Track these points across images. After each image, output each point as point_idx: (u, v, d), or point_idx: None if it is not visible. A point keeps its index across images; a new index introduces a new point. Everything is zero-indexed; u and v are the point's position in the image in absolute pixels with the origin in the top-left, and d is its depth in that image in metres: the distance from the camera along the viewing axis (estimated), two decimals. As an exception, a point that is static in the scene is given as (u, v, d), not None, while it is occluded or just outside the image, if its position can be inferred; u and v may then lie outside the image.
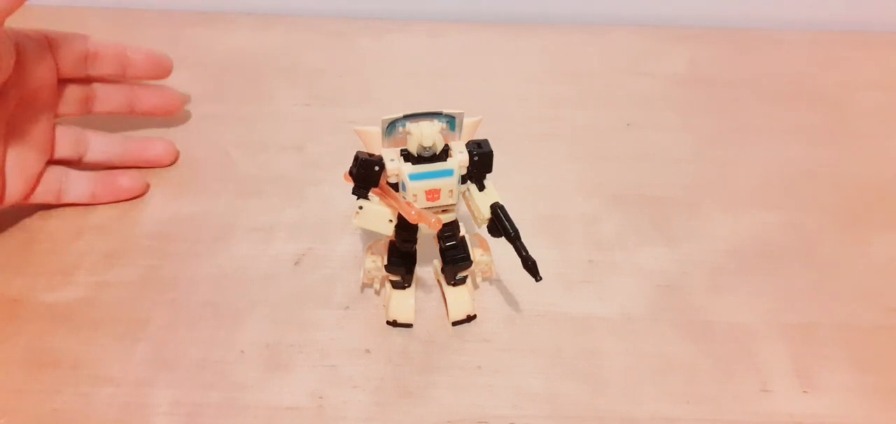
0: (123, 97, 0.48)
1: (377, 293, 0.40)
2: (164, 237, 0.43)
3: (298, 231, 0.43)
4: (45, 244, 0.42)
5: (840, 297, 0.40)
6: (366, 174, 0.33)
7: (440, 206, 0.34)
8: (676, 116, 0.54)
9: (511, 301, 0.39)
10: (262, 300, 0.39)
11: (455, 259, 0.36)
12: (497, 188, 0.35)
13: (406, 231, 0.35)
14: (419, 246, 0.36)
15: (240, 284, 0.40)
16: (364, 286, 0.40)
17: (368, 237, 0.41)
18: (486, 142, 0.34)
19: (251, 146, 0.50)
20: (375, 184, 0.33)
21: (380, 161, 0.33)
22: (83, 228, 0.43)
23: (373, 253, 0.38)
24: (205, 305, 0.39)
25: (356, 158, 0.33)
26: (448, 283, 0.38)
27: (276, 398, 0.34)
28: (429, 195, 0.34)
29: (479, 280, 0.40)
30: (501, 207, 0.35)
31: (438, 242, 0.36)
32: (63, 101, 0.45)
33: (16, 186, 0.41)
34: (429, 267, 0.40)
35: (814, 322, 0.39)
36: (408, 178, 0.33)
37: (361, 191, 0.34)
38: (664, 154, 0.50)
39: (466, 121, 0.34)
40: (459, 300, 0.38)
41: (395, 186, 0.34)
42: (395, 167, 0.33)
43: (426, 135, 0.32)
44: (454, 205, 0.35)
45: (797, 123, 0.54)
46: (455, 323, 0.38)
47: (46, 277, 0.40)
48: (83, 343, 0.37)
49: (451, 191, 0.34)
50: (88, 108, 0.46)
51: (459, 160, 0.34)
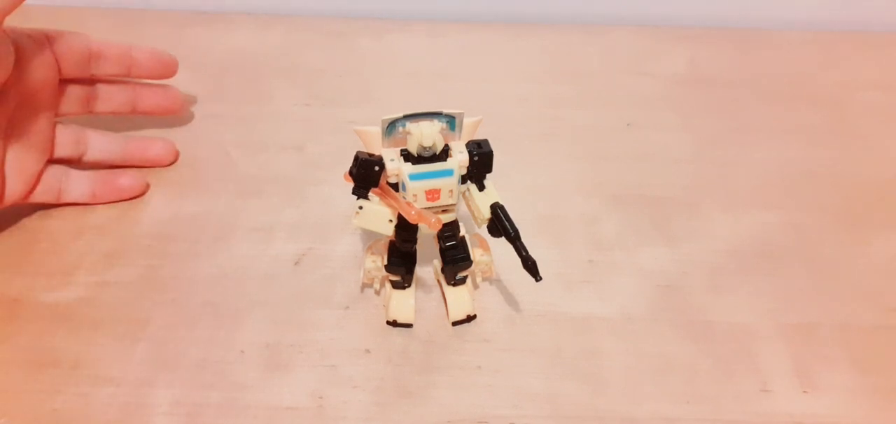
0: (125, 96, 0.47)
1: (377, 293, 0.39)
2: (164, 237, 0.43)
3: (298, 231, 0.43)
4: (45, 244, 0.42)
5: (840, 297, 0.40)
6: (366, 174, 0.33)
7: (440, 206, 0.34)
8: (676, 116, 0.54)
9: (511, 301, 0.39)
10: (262, 300, 0.39)
11: (455, 259, 0.36)
12: (497, 188, 0.35)
13: (406, 231, 0.35)
14: (419, 246, 0.36)
15: (240, 284, 0.40)
16: (364, 286, 0.40)
17: (368, 237, 0.41)
18: (486, 142, 0.34)
19: (251, 146, 0.50)
20: (375, 184, 0.33)
21: (380, 161, 0.33)
22: (83, 228, 0.43)
23: (373, 253, 0.38)
24: (205, 305, 0.39)
25: (356, 158, 0.33)
26: (448, 283, 0.38)
27: (276, 398, 0.34)
28: (429, 195, 0.34)
29: (479, 280, 0.40)
30: (501, 207, 0.35)
31: (438, 242, 0.36)
32: (64, 101, 0.44)
33: (15, 186, 0.41)
34: (429, 267, 0.40)
35: (814, 322, 0.39)
36: (408, 178, 0.33)
37: (361, 191, 0.34)
38: (664, 154, 0.50)
39: (466, 121, 0.34)
40: (459, 300, 0.38)
41: (395, 186, 0.34)
42: (395, 167, 0.33)
43: (426, 135, 0.32)
44: (454, 205, 0.35)
45: (797, 123, 0.54)
46: (455, 323, 0.38)
47: (46, 277, 0.40)
48: (83, 343, 0.37)
49: (451, 191, 0.34)
50: (90, 108, 0.46)
51: (459, 160, 0.34)
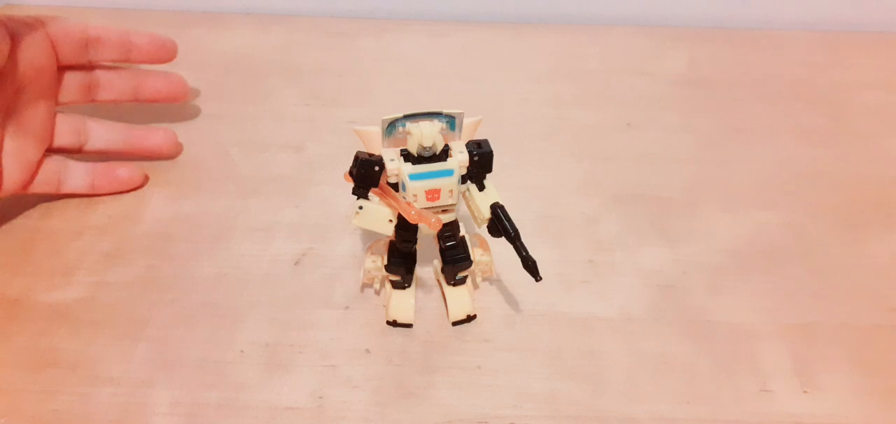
0: (127, 84, 0.47)
1: (377, 293, 0.39)
2: (164, 237, 0.43)
3: (298, 231, 0.43)
4: (45, 244, 0.42)
5: (840, 297, 0.40)
6: (366, 174, 0.33)
7: (440, 206, 0.34)
8: (676, 116, 0.54)
9: (511, 301, 0.39)
10: (262, 300, 0.39)
11: (455, 259, 0.36)
12: (497, 188, 0.35)
13: (406, 231, 0.35)
14: (419, 246, 0.36)
15: (240, 284, 0.40)
16: (364, 286, 0.40)
17: (368, 237, 0.41)
18: (486, 142, 0.34)
19: (251, 146, 0.50)
20: (375, 184, 0.33)
21: (380, 161, 0.33)
22: (83, 228, 0.43)
23: (373, 253, 0.38)
24: (205, 305, 0.39)
25: (356, 158, 0.33)
26: (448, 283, 0.38)
27: (276, 398, 0.34)
28: (429, 195, 0.34)
29: (479, 280, 0.40)
30: (501, 207, 0.35)
31: (438, 242, 0.36)
32: (64, 89, 0.44)
33: (14, 175, 0.41)
34: (429, 267, 0.40)
35: (814, 322, 0.39)
36: (408, 178, 0.33)
37: (361, 191, 0.34)
38: (664, 154, 0.50)
39: (466, 121, 0.34)
40: (459, 300, 0.38)
41: (395, 186, 0.34)
42: (395, 167, 0.33)
43: (426, 135, 0.32)
44: (454, 205, 0.35)
45: (797, 123, 0.54)
46: (455, 323, 0.38)
47: (46, 277, 0.40)
48: (83, 343, 0.37)
49: (452, 191, 0.34)
50: (91, 96, 0.46)
51: (459, 160, 0.34)
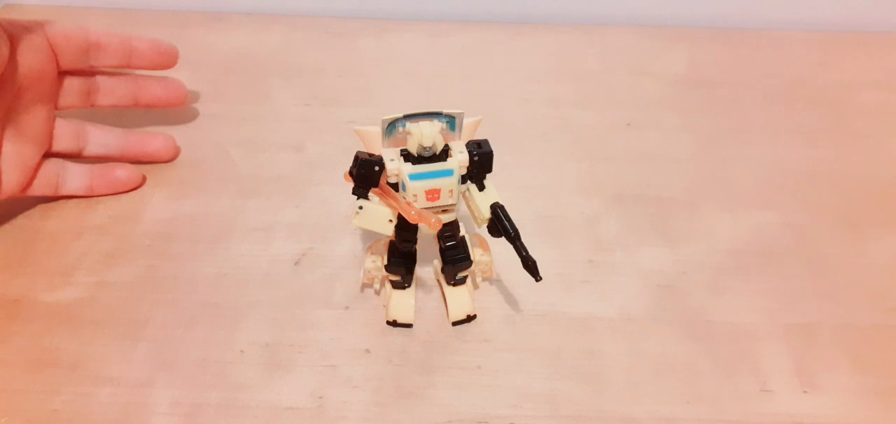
0: (127, 89, 0.47)
1: (377, 293, 0.39)
2: (164, 237, 0.43)
3: (298, 231, 0.43)
4: (45, 244, 0.42)
5: (840, 297, 0.40)
6: (366, 174, 0.33)
7: (440, 206, 0.34)
8: (676, 116, 0.54)
9: (511, 301, 0.39)
10: (262, 300, 0.39)
11: (455, 259, 0.36)
12: (497, 188, 0.35)
13: (406, 231, 0.35)
14: (419, 246, 0.36)
15: (240, 284, 0.40)
16: (364, 286, 0.40)
17: (368, 237, 0.41)
18: (486, 142, 0.34)
19: (251, 146, 0.50)
20: (375, 184, 0.33)
21: (380, 161, 0.33)
22: (83, 228, 0.43)
23: (373, 253, 0.38)
24: (205, 305, 0.39)
25: (356, 158, 0.33)
26: (448, 283, 0.38)
27: (276, 398, 0.34)
28: (429, 195, 0.34)
29: (479, 280, 0.40)
30: (501, 207, 0.35)
31: (438, 242, 0.36)
32: (64, 94, 0.44)
33: (13, 178, 0.41)
34: (429, 267, 0.40)
35: (814, 322, 0.39)
36: (408, 178, 0.33)
37: (361, 191, 0.34)
38: (664, 154, 0.50)
39: (466, 121, 0.34)
40: (459, 300, 0.38)
41: (395, 186, 0.34)
42: (395, 167, 0.33)
43: (426, 135, 0.32)
44: (454, 205, 0.35)
45: (797, 123, 0.54)
46: (455, 323, 0.38)
47: (46, 277, 0.40)
48: (83, 343, 0.37)
49: (452, 191, 0.34)
50: (91, 101, 0.46)
51: (459, 160, 0.34)
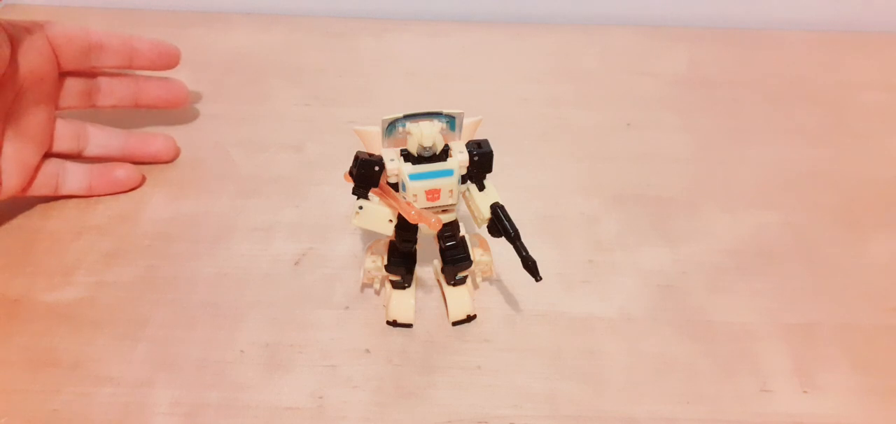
0: (128, 90, 0.47)
1: (377, 293, 0.39)
2: (164, 237, 0.43)
3: (298, 231, 0.43)
4: (45, 244, 0.42)
5: (840, 297, 0.40)
6: (366, 174, 0.33)
7: (440, 206, 0.34)
8: (676, 116, 0.54)
9: (511, 301, 0.39)
10: (262, 300, 0.39)
11: (455, 259, 0.36)
12: (497, 188, 0.35)
13: (406, 231, 0.35)
14: (419, 246, 0.36)
15: (240, 284, 0.40)
16: (364, 286, 0.40)
17: (368, 237, 0.41)
18: (486, 142, 0.34)
19: (251, 146, 0.50)
20: (375, 184, 0.33)
21: (380, 161, 0.33)
22: (83, 228, 0.43)
23: (373, 253, 0.38)
24: (204, 305, 0.39)
25: (356, 158, 0.33)
26: (448, 283, 0.38)
27: (276, 398, 0.34)
28: (429, 195, 0.34)
29: (479, 280, 0.40)
30: (501, 207, 0.35)
31: (438, 242, 0.36)
32: (65, 94, 0.44)
33: (13, 178, 0.41)
34: (429, 267, 0.40)
35: (814, 322, 0.39)
36: (408, 178, 0.33)
37: (361, 191, 0.34)
38: (664, 154, 0.50)
39: (466, 121, 0.34)
40: (459, 300, 0.38)
41: (395, 186, 0.34)
42: (395, 167, 0.33)
43: (426, 135, 0.32)
44: (454, 205, 0.35)
45: (797, 123, 0.54)
46: (455, 323, 0.38)
47: (46, 277, 0.40)
48: (83, 343, 0.37)
49: (452, 191, 0.34)
50: (92, 101, 0.46)
51: (459, 160, 0.34)
